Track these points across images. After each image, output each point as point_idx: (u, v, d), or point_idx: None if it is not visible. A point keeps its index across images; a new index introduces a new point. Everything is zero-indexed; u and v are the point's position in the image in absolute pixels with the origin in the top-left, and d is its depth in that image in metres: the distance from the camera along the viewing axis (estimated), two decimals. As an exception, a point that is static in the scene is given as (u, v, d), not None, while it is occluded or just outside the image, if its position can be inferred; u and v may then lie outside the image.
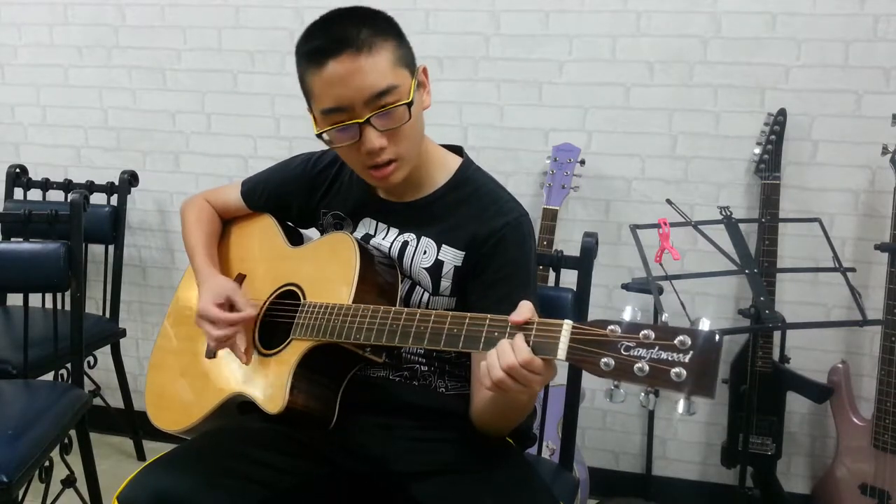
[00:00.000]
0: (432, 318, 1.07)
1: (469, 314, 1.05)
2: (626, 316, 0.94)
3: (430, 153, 1.30)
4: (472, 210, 1.26)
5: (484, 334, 1.02)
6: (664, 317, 0.94)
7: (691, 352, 0.85)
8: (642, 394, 0.88)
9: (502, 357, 0.98)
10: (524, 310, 1.00)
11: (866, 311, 1.78)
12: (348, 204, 1.37)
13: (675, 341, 0.86)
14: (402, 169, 1.21)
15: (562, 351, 0.94)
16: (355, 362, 1.24)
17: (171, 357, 1.46)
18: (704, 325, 0.87)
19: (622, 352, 0.89)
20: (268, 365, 1.25)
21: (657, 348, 0.87)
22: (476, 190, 1.29)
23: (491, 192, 1.29)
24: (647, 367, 0.87)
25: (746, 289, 1.92)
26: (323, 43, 1.15)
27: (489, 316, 1.03)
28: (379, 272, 1.24)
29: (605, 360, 0.90)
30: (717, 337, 0.85)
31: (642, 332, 0.88)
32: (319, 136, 1.20)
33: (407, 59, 1.19)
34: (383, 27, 1.17)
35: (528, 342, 0.97)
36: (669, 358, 0.86)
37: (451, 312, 1.07)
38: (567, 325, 0.95)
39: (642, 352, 0.88)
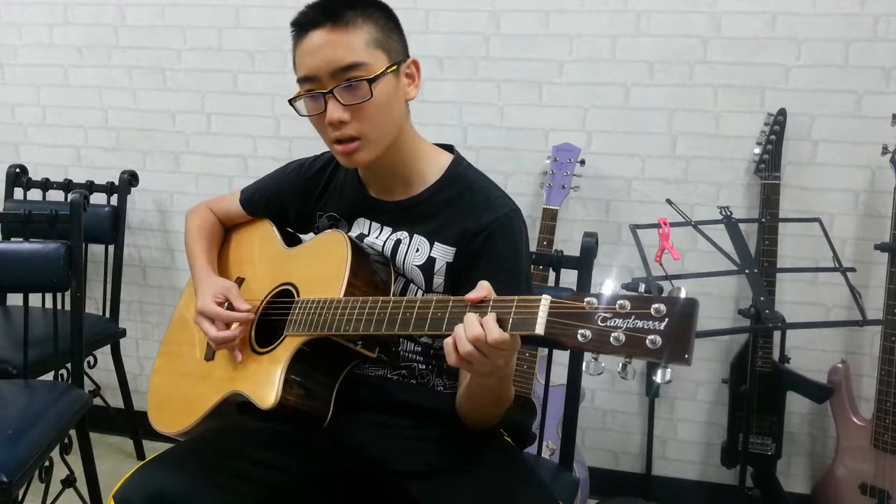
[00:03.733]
0: (417, 304, 1.08)
1: (452, 297, 1.05)
2: (606, 289, 0.93)
3: (421, 151, 1.31)
4: (463, 207, 1.27)
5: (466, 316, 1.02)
6: (641, 287, 0.93)
7: (667, 319, 0.85)
8: (620, 365, 0.87)
9: (469, 329, 0.98)
10: (480, 288, 1.01)
11: (866, 311, 1.78)
12: (342, 205, 1.37)
13: (651, 309, 0.86)
14: (366, 149, 1.22)
15: (540, 325, 0.94)
16: (349, 358, 1.24)
17: (173, 361, 1.47)
18: (682, 293, 0.86)
19: (599, 323, 0.89)
20: (262, 362, 1.26)
21: (633, 317, 0.87)
22: (467, 187, 1.29)
23: (482, 188, 1.29)
24: (623, 337, 0.86)
25: (746, 289, 1.92)
26: (309, 14, 1.19)
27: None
28: (371, 268, 1.24)
29: (582, 331, 0.90)
30: (692, 302, 0.84)
31: (618, 303, 0.88)
32: (292, 102, 1.24)
33: (388, 45, 1.21)
34: (374, 14, 1.20)
35: (508, 318, 0.97)
36: (645, 326, 0.86)
37: (435, 297, 1.08)
38: (545, 299, 0.95)
39: (619, 322, 0.87)
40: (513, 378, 1.20)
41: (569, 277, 1.59)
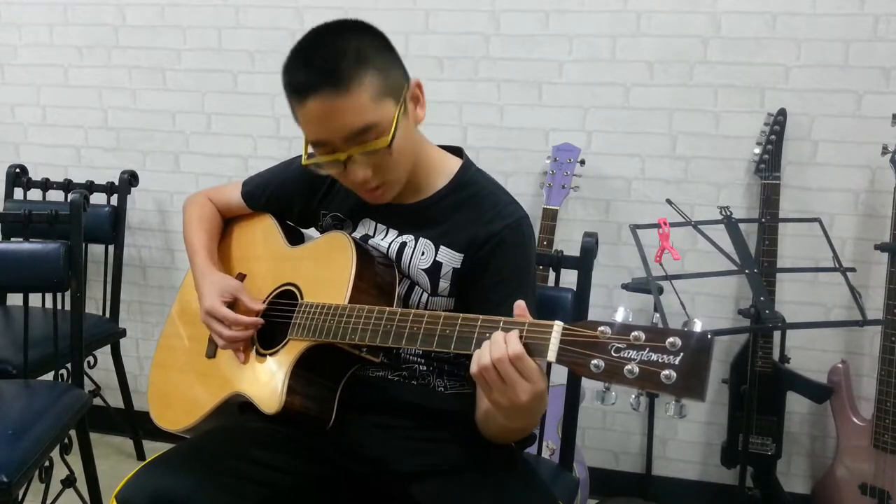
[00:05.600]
0: (425, 318, 1.07)
1: (462, 315, 1.05)
2: (619, 317, 0.93)
3: (430, 157, 1.30)
4: (472, 213, 1.26)
5: (476, 335, 1.02)
6: (655, 318, 0.93)
7: (682, 353, 0.84)
8: (633, 396, 0.87)
9: (494, 348, 0.97)
10: (522, 308, 1.01)
11: (866, 311, 1.77)
12: (347, 205, 1.37)
13: (666, 343, 0.85)
14: (392, 189, 1.23)
15: (552, 353, 0.93)
16: (352, 362, 1.24)
17: (174, 356, 1.46)
18: (697, 326, 0.85)
19: (612, 353, 0.88)
20: (266, 365, 1.25)
21: (647, 350, 0.86)
22: (476, 193, 1.29)
23: (491, 194, 1.29)
24: (636, 370, 0.86)
25: (746, 289, 1.92)
26: (303, 77, 1.13)
27: (481, 317, 1.03)
28: (376, 272, 1.24)
29: (594, 361, 0.89)
30: (709, 338, 0.83)
31: (633, 334, 0.87)
32: (307, 165, 1.21)
33: (392, 84, 1.15)
34: (367, 53, 1.13)
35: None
36: (659, 360, 0.85)
37: (444, 313, 1.07)
38: (557, 326, 0.95)
39: (632, 353, 0.87)
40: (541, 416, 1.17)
41: (569, 277, 1.59)
